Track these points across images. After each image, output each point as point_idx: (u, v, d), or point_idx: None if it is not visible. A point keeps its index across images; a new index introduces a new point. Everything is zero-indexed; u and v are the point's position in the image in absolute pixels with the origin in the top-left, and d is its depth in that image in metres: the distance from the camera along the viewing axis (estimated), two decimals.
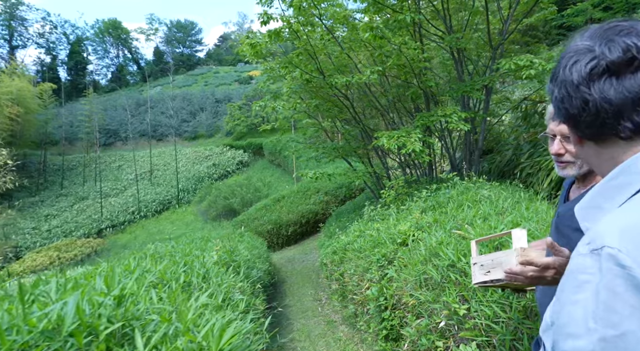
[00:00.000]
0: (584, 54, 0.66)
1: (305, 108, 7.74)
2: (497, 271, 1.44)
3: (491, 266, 1.47)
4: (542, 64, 5.03)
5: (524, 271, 0.98)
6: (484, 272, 1.51)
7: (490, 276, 1.47)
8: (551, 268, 0.97)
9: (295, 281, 8.16)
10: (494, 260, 1.46)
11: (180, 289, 2.13)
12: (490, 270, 1.47)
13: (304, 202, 12.21)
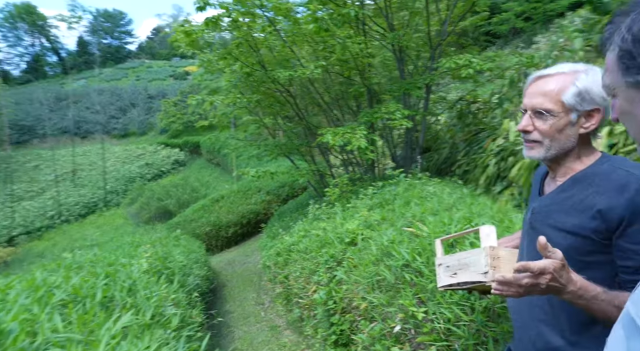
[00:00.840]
0: None
1: (246, 103, 7.38)
2: (464, 273, 1.30)
3: (457, 267, 1.32)
4: (480, 63, 5.18)
5: (518, 279, 0.83)
6: (449, 274, 1.37)
7: (457, 278, 1.32)
8: (547, 274, 0.82)
9: (236, 285, 7.79)
10: (461, 260, 1.32)
11: (98, 307, 1.78)
12: (457, 271, 1.33)
13: (244, 201, 11.79)
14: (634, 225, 0.93)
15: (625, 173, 0.97)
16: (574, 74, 1.04)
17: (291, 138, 7.92)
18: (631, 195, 0.93)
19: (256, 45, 6.32)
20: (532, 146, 1.09)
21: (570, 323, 1.03)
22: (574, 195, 1.05)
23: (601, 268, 0.99)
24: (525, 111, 1.09)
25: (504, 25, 16.23)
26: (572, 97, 1.02)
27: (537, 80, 1.08)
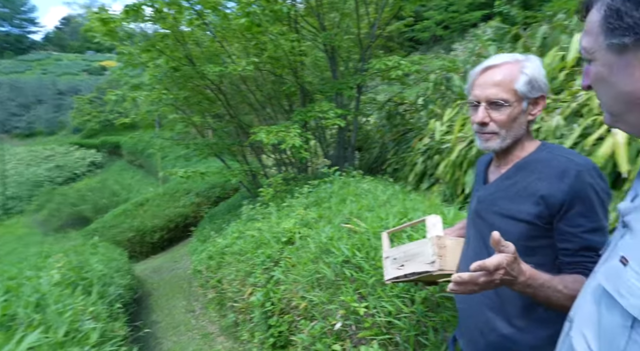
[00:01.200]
0: None
1: (173, 100, 6.97)
2: (411, 264, 1.29)
3: (405, 259, 1.32)
4: (408, 65, 5.39)
5: (475, 278, 0.82)
6: (397, 266, 1.36)
7: (404, 270, 1.32)
8: (501, 269, 0.82)
9: (163, 293, 7.33)
10: (408, 252, 1.31)
11: None
12: (404, 263, 1.32)
13: (172, 204, 11.16)
14: (573, 209, 0.98)
15: (565, 160, 1.02)
16: (518, 62, 1.06)
17: (222, 137, 7.64)
18: (571, 180, 0.98)
19: (183, 39, 5.99)
20: (489, 138, 1.10)
21: (515, 309, 1.06)
22: (517, 182, 1.07)
23: (545, 252, 1.03)
24: (478, 103, 1.09)
25: (426, 32, 17.26)
26: (524, 85, 1.04)
27: (485, 72, 1.08)
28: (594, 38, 0.66)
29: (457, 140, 4.23)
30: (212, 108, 7.54)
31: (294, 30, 6.11)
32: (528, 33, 5.54)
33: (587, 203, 0.97)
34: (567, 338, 0.72)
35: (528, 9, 9.41)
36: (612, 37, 0.63)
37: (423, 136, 5.60)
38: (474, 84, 1.10)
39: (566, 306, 0.83)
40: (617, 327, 0.59)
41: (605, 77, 0.66)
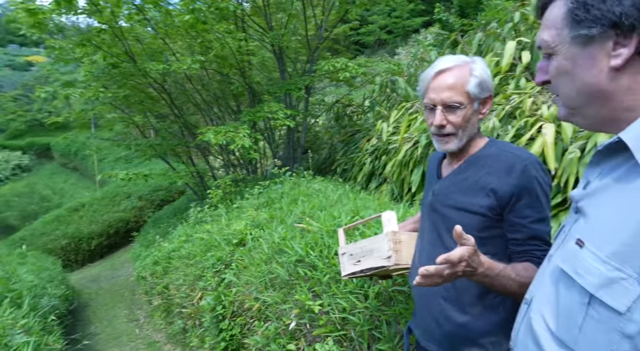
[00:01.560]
0: None
1: (111, 99, 6.58)
2: (368, 259, 1.33)
3: (361, 255, 1.35)
4: (355, 67, 5.51)
5: (440, 270, 0.86)
6: (353, 262, 1.39)
7: (361, 265, 1.35)
8: (463, 261, 0.87)
9: (103, 303, 6.90)
10: (364, 247, 1.35)
11: None
12: (361, 259, 1.35)
13: (111, 209, 10.54)
14: (521, 201, 1.06)
15: (511, 155, 1.10)
16: (466, 65, 1.12)
17: (166, 138, 7.33)
18: (517, 175, 1.06)
19: (122, 34, 5.67)
20: (447, 140, 1.14)
21: (468, 297, 1.12)
22: (469, 176, 1.14)
23: (495, 242, 1.10)
24: (434, 106, 1.13)
25: (371, 36, 17.74)
26: (475, 87, 1.10)
27: (438, 76, 1.12)
28: (557, 32, 0.68)
29: (403, 141, 4.38)
30: (155, 108, 7.22)
31: (240, 30, 6.02)
32: (465, 39, 5.87)
33: (533, 195, 1.05)
34: (525, 319, 0.77)
35: (464, 17, 9.98)
36: (580, 28, 0.65)
37: (371, 137, 5.73)
38: (428, 87, 1.14)
39: (518, 293, 0.90)
40: (574, 304, 0.64)
41: (568, 70, 0.68)
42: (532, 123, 3.02)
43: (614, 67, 0.63)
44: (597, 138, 2.55)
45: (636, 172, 0.61)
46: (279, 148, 7.72)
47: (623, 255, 0.58)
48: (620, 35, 0.62)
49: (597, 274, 0.60)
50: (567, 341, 0.65)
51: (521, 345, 0.76)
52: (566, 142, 2.72)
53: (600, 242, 0.62)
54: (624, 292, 0.57)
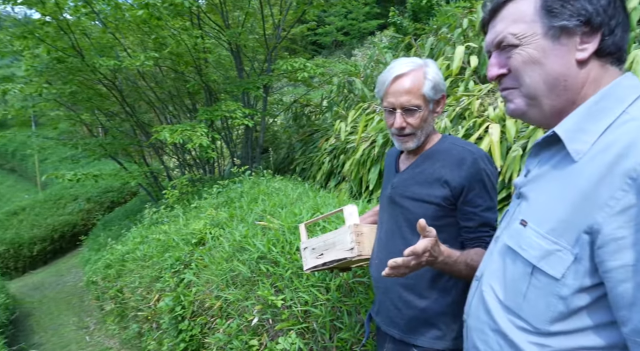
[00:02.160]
0: None
1: (56, 95, 6.22)
2: (330, 252, 1.39)
3: (324, 248, 1.41)
4: (314, 68, 5.58)
5: (407, 262, 0.93)
6: (316, 255, 1.44)
7: (323, 258, 1.40)
8: (427, 252, 0.95)
9: (48, 312, 6.52)
10: (327, 241, 1.40)
11: None
12: (324, 252, 1.41)
13: (55, 212, 9.93)
14: (472, 192, 1.16)
15: (462, 149, 1.20)
16: (421, 68, 1.20)
17: (117, 137, 7.03)
18: (468, 167, 1.16)
19: (69, 28, 5.38)
20: (407, 140, 1.23)
21: (424, 282, 1.21)
22: (425, 169, 1.23)
23: (449, 230, 1.20)
24: (394, 109, 1.21)
25: (328, 37, 17.93)
26: (430, 90, 1.19)
27: (396, 80, 1.20)
28: (527, 25, 0.74)
29: (361, 140, 4.50)
30: (105, 105, 6.91)
31: (197, 27, 5.91)
32: (419, 43, 6.12)
33: (482, 186, 1.16)
34: (476, 292, 0.87)
35: (417, 21, 10.35)
36: (556, 21, 0.71)
37: (329, 137, 5.82)
38: (387, 91, 1.21)
39: (470, 276, 0.99)
40: (519, 275, 0.74)
41: (537, 60, 0.74)
42: (479, 124, 3.22)
43: (579, 60, 0.72)
44: (537, 137, 2.78)
45: (567, 161, 0.71)
46: (237, 147, 7.64)
47: (559, 231, 0.68)
48: (587, 32, 0.71)
49: (538, 248, 0.71)
50: (514, 308, 0.75)
51: (474, 315, 0.86)
52: (510, 141, 2.93)
53: (540, 221, 0.72)
54: (560, 261, 0.68)
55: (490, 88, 3.67)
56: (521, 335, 0.74)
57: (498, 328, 0.77)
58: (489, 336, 0.79)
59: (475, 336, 0.84)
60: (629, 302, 0.60)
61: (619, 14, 0.69)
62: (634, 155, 0.61)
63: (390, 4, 15.03)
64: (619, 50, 0.71)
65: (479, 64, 4.14)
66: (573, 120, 0.72)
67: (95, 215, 10.13)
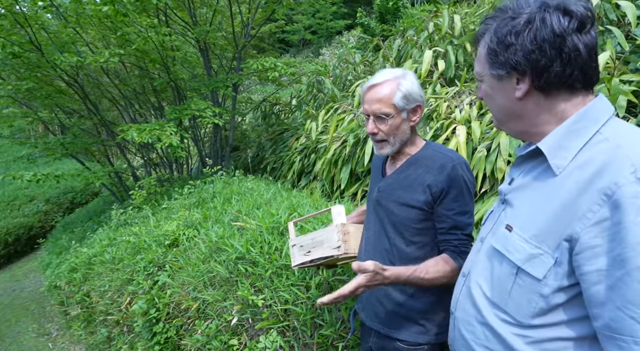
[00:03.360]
0: (551, 12, 0.76)
1: (12, 92, 5.90)
2: (318, 249, 1.45)
3: (312, 246, 1.47)
4: (284, 68, 5.59)
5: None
6: (304, 253, 1.50)
7: (311, 256, 1.46)
8: (361, 287, 1.10)
9: (3, 319, 6.19)
10: (315, 239, 1.46)
11: None
12: (311, 249, 1.47)
13: (9, 214, 9.38)
14: (448, 196, 1.24)
15: (443, 156, 1.28)
16: (396, 79, 1.28)
17: (78, 135, 6.76)
18: (448, 172, 1.24)
19: (25, 21, 5.12)
20: (382, 146, 1.32)
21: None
22: (409, 175, 1.31)
23: (430, 233, 1.29)
24: (368, 116, 1.30)
25: (295, 35, 17.93)
26: (400, 100, 1.27)
27: (371, 89, 1.29)
28: (482, 66, 0.89)
29: (332, 140, 4.58)
30: (66, 103, 6.62)
31: (164, 24, 5.78)
32: (386, 44, 6.27)
33: (458, 191, 1.24)
34: (463, 288, 0.97)
35: (384, 23, 10.56)
36: (492, 68, 0.85)
37: (300, 136, 5.87)
38: (363, 99, 1.31)
39: (431, 285, 1.15)
40: (505, 275, 0.84)
41: (490, 95, 0.90)
42: (447, 125, 3.38)
43: (517, 97, 0.85)
44: (500, 139, 2.95)
45: (548, 173, 0.81)
46: (205, 146, 7.53)
47: (541, 237, 0.78)
48: (520, 75, 0.82)
49: (522, 251, 0.81)
50: (499, 303, 0.86)
51: (461, 308, 0.95)
52: (475, 142, 3.09)
53: (524, 227, 0.82)
54: (542, 264, 0.78)
55: (456, 91, 3.84)
56: (506, 327, 0.84)
57: (484, 321, 0.87)
58: (475, 327, 0.89)
59: (462, 327, 0.93)
60: (601, 301, 0.70)
61: (548, 55, 0.78)
62: (609, 175, 0.70)
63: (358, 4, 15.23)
64: (569, 80, 0.79)
65: (446, 68, 4.31)
66: (554, 137, 0.81)
67: (54, 216, 9.67)
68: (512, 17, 0.81)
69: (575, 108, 0.81)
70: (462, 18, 4.76)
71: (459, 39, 4.42)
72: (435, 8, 6.69)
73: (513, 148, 2.92)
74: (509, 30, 0.80)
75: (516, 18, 0.80)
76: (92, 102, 6.39)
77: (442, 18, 4.84)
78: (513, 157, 2.87)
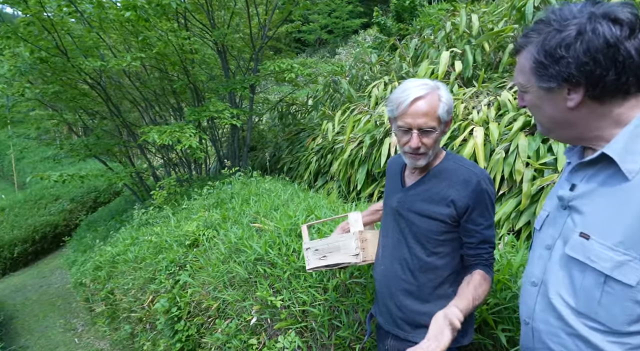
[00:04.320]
0: (601, 22, 0.77)
1: (39, 95, 6.11)
2: (335, 255, 1.48)
3: (327, 250, 1.50)
4: (301, 69, 5.64)
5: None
6: (319, 257, 1.53)
7: (327, 261, 1.50)
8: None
9: (32, 314, 6.43)
10: (331, 244, 1.49)
11: None
12: (327, 254, 1.50)
13: (36, 213, 9.72)
14: (475, 211, 1.26)
15: (467, 170, 1.29)
16: (435, 91, 1.26)
17: (101, 137, 6.96)
18: (473, 188, 1.26)
19: (52, 27, 5.30)
20: (419, 158, 1.29)
21: (426, 290, 1.32)
22: (431, 187, 1.32)
23: (452, 244, 1.31)
24: (409, 130, 1.25)
25: (312, 34, 17.96)
26: (444, 112, 1.26)
27: (414, 102, 1.23)
28: (527, 77, 0.89)
29: (348, 141, 4.60)
30: (89, 105, 6.82)
31: (183, 27, 5.89)
32: (403, 44, 6.25)
33: (484, 206, 1.27)
34: (539, 299, 0.95)
35: (401, 22, 10.49)
36: (541, 82, 0.86)
37: (316, 136, 5.90)
38: (405, 112, 1.25)
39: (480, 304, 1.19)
40: (591, 284, 0.82)
41: (537, 105, 0.90)
42: (464, 127, 3.36)
43: (569, 107, 0.85)
44: (519, 141, 2.93)
45: (617, 178, 0.81)
46: (223, 146, 7.65)
47: (628, 243, 0.77)
48: (572, 86, 0.83)
49: (608, 259, 0.79)
50: (588, 313, 0.83)
51: (541, 320, 0.94)
52: (493, 144, 3.07)
53: (604, 234, 0.80)
54: (633, 270, 0.76)
55: (474, 92, 3.81)
56: (599, 336, 0.82)
57: (575, 332, 0.86)
58: (565, 340, 0.88)
59: (548, 339, 0.92)
60: None
61: (603, 65, 0.78)
62: None
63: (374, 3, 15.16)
64: (624, 86, 0.80)
65: (464, 68, 4.28)
66: (620, 143, 0.81)
67: (78, 215, 9.97)
68: (559, 29, 0.81)
69: (632, 111, 0.82)
70: (479, 17, 4.71)
71: (477, 38, 4.38)
72: (452, 7, 6.63)
73: (532, 150, 2.89)
74: (558, 43, 0.80)
75: (563, 30, 0.80)
76: (114, 104, 6.56)
77: (460, 17, 4.80)
78: (532, 158, 2.85)
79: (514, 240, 2.20)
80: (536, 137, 2.93)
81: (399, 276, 1.35)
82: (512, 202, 2.81)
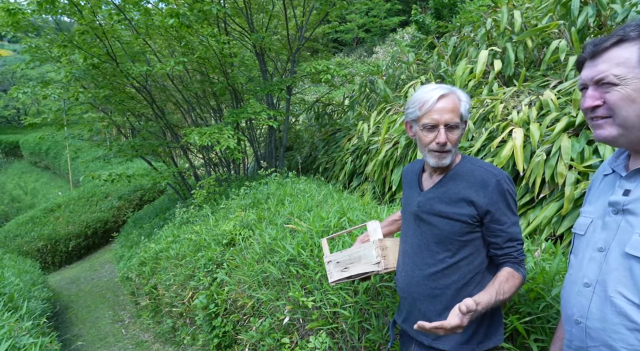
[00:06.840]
0: None
1: (91, 99, 6.52)
2: (357, 265, 1.48)
3: (349, 262, 1.51)
4: (337, 70, 5.66)
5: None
6: (340, 269, 1.54)
7: (349, 272, 1.51)
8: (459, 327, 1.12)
9: (84, 305, 6.87)
10: (352, 255, 1.50)
11: None
12: (349, 266, 1.51)
13: (88, 209, 10.38)
14: (498, 211, 1.26)
15: (484, 171, 1.30)
16: (453, 92, 1.31)
17: (147, 138, 7.31)
18: (492, 188, 1.26)
19: (103, 35, 5.64)
20: (444, 156, 1.31)
21: (450, 292, 1.31)
22: (450, 189, 1.32)
23: (475, 243, 1.31)
24: (435, 126, 1.28)
25: (349, 34, 17.93)
26: (465, 111, 1.32)
27: (441, 99, 1.28)
28: (630, 69, 0.89)
29: (384, 142, 4.58)
30: (136, 108, 7.19)
31: (223, 31, 6.08)
32: (441, 42, 6.12)
33: (506, 205, 1.27)
34: (595, 298, 0.97)
35: (440, 19, 10.25)
36: None
37: (352, 136, 5.90)
38: (432, 109, 1.28)
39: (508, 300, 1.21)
40: None
41: (634, 98, 0.89)
42: (503, 127, 3.25)
43: None
44: (561, 142, 2.80)
45: None
46: (260, 146, 7.81)
47: None
48: None
49: None
50: None
51: (597, 319, 0.96)
52: (534, 145, 2.96)
53: None
54: None
55: (514, 91, 3.68)
56: None
57: (638, 327, 0.89)
58: (625, 335, 0.91)
59: (606, 336, 0.95)
60: None
61: None
62: None
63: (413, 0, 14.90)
64: None
65: (504, 66, 4.14)
66: None
67: (125, 212, 10.54)
68: None
69: None
70: (522, 13, 4.53)
71: (519, 35, 4.21)
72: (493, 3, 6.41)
73: (576, 152, 2.76)
74: None
75: None
76: (158, 106, 6.87)
77: (501, 13, 4.64)
78: (576, 161, 2.72)
79: (552, 247, 2.12)
80: (580, 138, 2.80)
81: (421, 282, 1.35)
82: (554, 206, 2.69)
